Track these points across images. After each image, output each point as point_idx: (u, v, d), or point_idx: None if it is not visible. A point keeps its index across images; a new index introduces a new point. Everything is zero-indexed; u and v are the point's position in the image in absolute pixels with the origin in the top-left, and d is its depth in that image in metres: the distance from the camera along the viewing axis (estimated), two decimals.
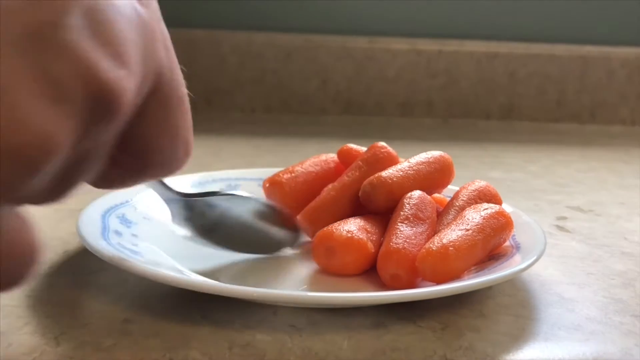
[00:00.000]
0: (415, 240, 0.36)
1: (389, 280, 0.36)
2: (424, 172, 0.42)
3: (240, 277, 0.38)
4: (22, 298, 0.34)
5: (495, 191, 0.44)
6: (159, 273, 0.32)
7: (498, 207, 0.39)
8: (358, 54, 1.07)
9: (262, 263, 0.40)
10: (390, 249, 0.36)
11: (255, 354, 0.29)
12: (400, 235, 0.36)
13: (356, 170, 0.43)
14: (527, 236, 0.40)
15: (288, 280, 0.38)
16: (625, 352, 0.31)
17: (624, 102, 1.12)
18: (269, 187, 0.45)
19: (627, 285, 0.39)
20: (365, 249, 0.37)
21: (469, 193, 0.42)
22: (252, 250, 0.40)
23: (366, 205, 0.41)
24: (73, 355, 0.28)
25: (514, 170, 0.72)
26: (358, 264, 0.37)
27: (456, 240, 0.35)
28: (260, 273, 0.38)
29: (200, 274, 0.37)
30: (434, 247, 0.35)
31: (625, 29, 1.11)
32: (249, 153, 0.76)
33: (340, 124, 1.03)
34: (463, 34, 1.10)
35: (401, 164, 0.43)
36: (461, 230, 0.36)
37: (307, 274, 0.38)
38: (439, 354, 0.30)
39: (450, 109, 1.10)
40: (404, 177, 0.41)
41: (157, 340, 0.30)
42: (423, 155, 0.44)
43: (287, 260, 0.40)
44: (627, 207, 0.58)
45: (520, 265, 0.35)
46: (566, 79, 1.10)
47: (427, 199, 0.40)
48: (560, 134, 1.04)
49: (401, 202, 0.39)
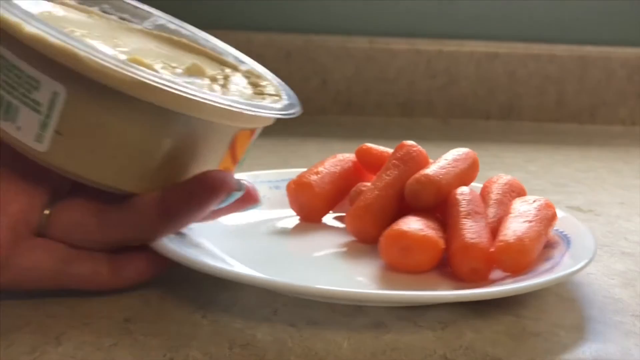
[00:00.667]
0: (485, 234, 0.37)
1: (467, 275, 0.36)
2: (461, 168, 0.44)
3: (304, 277, 0.37)
4: (23, 297, 0.34)
5: (521, 184, 0.46)
6: (233, 272, 0.33)
7: (543, 198, 0.41)
8: (358, 54, 1.07)
9: (317, 261, 0.40)
10: (468, 244, 0.36)
11: (255, 353, 0.29)
12: (471, 230, 0.37)
13: (394, 169, 0.44)
14: (570, 228, 0.41)
15: (355, 278, 0.38)
16: (625, 352, 0.31)
17: (624, 102, 1.12)
18: (295, 189, 0.45)
19: (627, 285, 0.39)
20: (438, 246, 0.37)
21: (501, 187, 0.44)
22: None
23: (413, 203, 0.42)
24: (74, 355, 0.28)
25: (513, 170, 0.72)
26: (432, 261, 0.37)
27: (527, 232, 0.37)
28: (319, 271, 0.38)
29: (261, 272, 0.36)
30: (511, 239, 0.36)
31: (625, 29, 1.11)
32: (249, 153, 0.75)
33: (340, 124, 1.03)
34: (463, 34, 1.10)
35: (438, 161, 0.44)
36: (525, 222, 0.38)
37: (372, 272, 0.38)
38: (439, 354, 0.30)
39: (450, 109, 1.10)
40: (447, 174, 0.42)
41: (158, 340, 0.30)
42: (454, 152, 0.45)
43: (341, 259, 0.41)
44: (627, 207, 0.58)
45: (588, 256, 0.36)
46: (566, 79, 1.10)
47: (476, 194, 0.41)
48: (560, 134, 1.04)
49: (453, 199, 0.40)
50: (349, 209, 0.43)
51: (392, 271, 0.38)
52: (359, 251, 0.41)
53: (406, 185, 0.42)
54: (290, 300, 0.34)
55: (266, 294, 0.35)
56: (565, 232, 0.41)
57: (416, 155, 0.45)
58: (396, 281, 0.37)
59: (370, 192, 0.43)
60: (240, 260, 0.38)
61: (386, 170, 0.44)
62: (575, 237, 0.40)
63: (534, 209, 0.39)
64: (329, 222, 0.47)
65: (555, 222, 0.41)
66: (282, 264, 0.39)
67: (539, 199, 0.41)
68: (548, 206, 0.40)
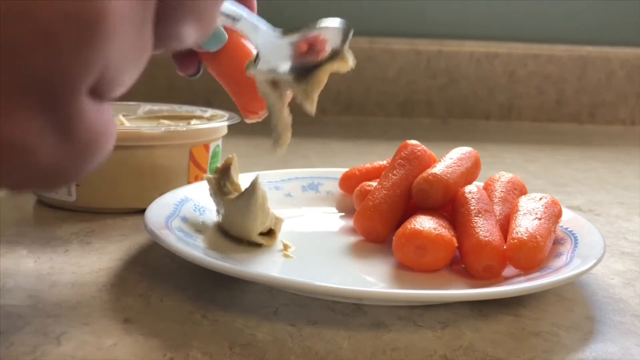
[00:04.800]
0: (496, 232, 0.38)
1: (482, 272, 0.36)
2: (466, 167, 0.44)
3: (311, 276, 0.37)
4: (24, 298, 0.34)
5: (523, 182, 0.46)
6: (244, 271, 0.33)
7: (549, 196, 0.41)
8: (358, 54, 1.07)
9: (325, 260, 0.40)
10: (482, 242, 0.36)
11: (255, 353, 0.29)
12: (483, 228, 0.37)
13: (400, 169, 0.44)
14: (579, 227, 0.42)
15: (364, 277, 0.38)
16: (625, 352, 0.31)
17: (624, 102, 1.12)
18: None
19: (627, 285, 0.39)
20: (451, 245, 0.37)
21: (504, 184, 0.45)
22: None
23: (421, 202, 0.42)
24: (74, 355, 0.28)
25: (513, 170, 0.72)
26: (446, 259, 0.38)
27: (539, 229, 0.37)
28: (327, 271, 0.38)
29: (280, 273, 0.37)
30: (524, 237, 0.36)
31: (625, 29, 1.11)
32: (249, 153, 0.76)
33: (340, 124, 1.03)
34: (463, 34, 1.10)
35: (444, 160, 0.44)
36: (535, 219, 0.38)
37: (382, 271, 0.38)
38: (439, 354, 0.30)
39: (450, 109, 1.10)
40: (454, 173, 0.43)
41: (158, 340, 0.30)
42: (458, 151, 0.46)
43: (349, 258, 0.41)
44: (627, 207, 0.58)
45: (597, 256, 0.36)
46: (566, 79, 1.10)
47: (483, 192, 0.42)
48: (559, 134, 1.04)
49: (462, 197, 0.41)
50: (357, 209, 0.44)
51: (401, 270, 0.38)
52: (368, 250, 0.41)
53: (414, 185, 0.42)
54: (290, 300, 0.34)
55: (266, 294, 0.35)
56: (570, 229, 0.41)
57: (421, 154, 0.45)
58: (405, 280, 0.37)
59: (378, 191, 0.43)
60: (243, 259, 0.38)
61: (392, 169, 0.44)
62: (582, 235, 0.40)
63: (542, 207, 0.40)
64: (336, 222, 0.47)
65: (560, 219, 0.41)
66: (290, 263, 0.39)
67: (545, 196, 0.41)
68: (554, 203, 0.41)
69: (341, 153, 0.79)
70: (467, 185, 0.42)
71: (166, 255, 0.40)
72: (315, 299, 0.35)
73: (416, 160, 0.45)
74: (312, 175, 0.53)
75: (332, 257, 0.40)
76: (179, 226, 0.40)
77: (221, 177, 0.43)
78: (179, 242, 0.36)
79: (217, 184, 0.43)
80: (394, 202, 0.42)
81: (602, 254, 0.36)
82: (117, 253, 0.41)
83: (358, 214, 0.43)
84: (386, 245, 0.42)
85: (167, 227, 0.39)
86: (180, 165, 0.50)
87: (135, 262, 0.39)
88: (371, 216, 0.42)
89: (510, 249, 0.36)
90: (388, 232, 0.42)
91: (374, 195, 0.43)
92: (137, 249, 0.42)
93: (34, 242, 0.42)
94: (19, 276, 0.37)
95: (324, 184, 0.53)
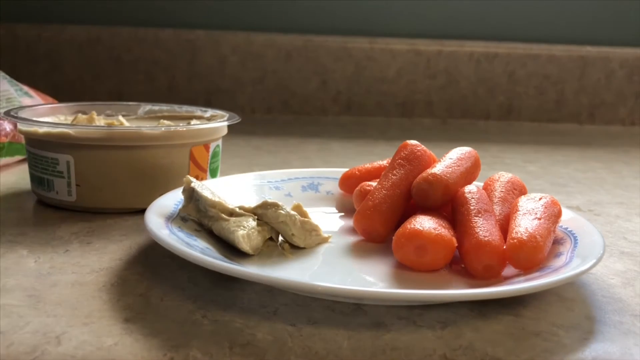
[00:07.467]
0: (496, 232, 0.38)
1: (481, 272, 0.37)
2: (465, 167, 0.44)
3: (311, 276, 0.37)
4: (23, 297, 0.34)
5: (522, 182, 0.46)
6: (243, 270, 0.33)
7: (549, 196, 0.42)
8: (358, 54, 1.07)
9: (325, 260, 0.40)
10: (482, 242, 0.36)
11: (255, 353, 0.29)
12: (483, 228, 0.38)
13: (400, 169, 0.44)
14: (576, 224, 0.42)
15: (364, 277, 0.38)
16: (624, 352, 0.31)
17: (623, 102, 1.12)
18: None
19: (627, 285, 0.39)
20: (451, 245, 0.37)
21: (504, 184, 0.45)
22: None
23: (421, 202, 0.42)
24: (74, 355, 0.28)
25: (513, 170, 0.72)
26: (446, 259, 0.38)
27: (538, 229, 0.37)
28: (327, 270, 0.38)
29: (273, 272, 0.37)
30: (524, 237, 0.36)
31: (625, 29, 1.11)
32: (249, 153, 0.76)
33: (340, 124, 1.03)
34: (463, 34, 1.10)
35: (443, 160, 0.44)
36: (535, 219, 0.38)
37: (381, 271, 0.38)
38: (439, 354, 0.30)
39: (450, 109, 1.10)
40: (453, 173, 0.43)
41: (158, 340, 0.30)
42: (458, 151, 0.46)
43: (349, 258, 0.40)
44: (626, 207, 0.58)
45: (600, 251, 0.36)
46: (565, 79, 1.11)
47: (483, 192, 0.42)
48: (559, 134, 1.04)
49: (462, 197, 0.41)
50: (357, 208, 0.44)
51: (401, 270, 0.38)
52: (368, 250, 0.41)
53: (414, 185, 0.42)
54: (290, 300, 0.34)
55: (266, 294, 0.35)
56: (569, 229, 0.41)
57: (420, 154, 0.45)
58: (405, 280, 0.37)
59: (377, 191, 0.43)
60: (243, 259, 0.38)
61: (392, 169, 0.44)
62: (582, 235, 0.40)
63: (542, 206, 0.40)
64: (336, 222, 0.48)
65: (560, 219, 0.41)
66: (290, 263, 0.39)
67: (544, 196, 0.41)
68: (554, 203, 0.41)
69: (341, 153, 0.79)
70: (466, 185, 0.42)
71: (166, 255, 0.40)
72: (315, 299, 0.35)
73: (416, 160, 0.45)
74: (312, 175, 0.53)
75: (332, 257, 0.40)
76: (179, 226, 0.40)
77: (193, 202, 0.42)
78: (179, 242, 0.36)
79: (196, 211, 0.42)
80: (394, 202, 0.42)
81: (601, 254, 0.36)
82: (117, 253, 0.41)
83: (358, 214, 0.43)
84: (386, 245, 0.42)
85: (167, 227, 0.39)
86: (180, 165, 0.50)
87: (135, 262, 0.39)
88: (371, 216, 0.42)
89: (510, 248, 0.36)
90: (388, 232, 0.42)
91: (374, 195, 0.43)
92: (137, 249, 0.42)
93: (34, 242, 0.42)
94: (19, 276, 0.37)
95: (324, 184, 0.53)
